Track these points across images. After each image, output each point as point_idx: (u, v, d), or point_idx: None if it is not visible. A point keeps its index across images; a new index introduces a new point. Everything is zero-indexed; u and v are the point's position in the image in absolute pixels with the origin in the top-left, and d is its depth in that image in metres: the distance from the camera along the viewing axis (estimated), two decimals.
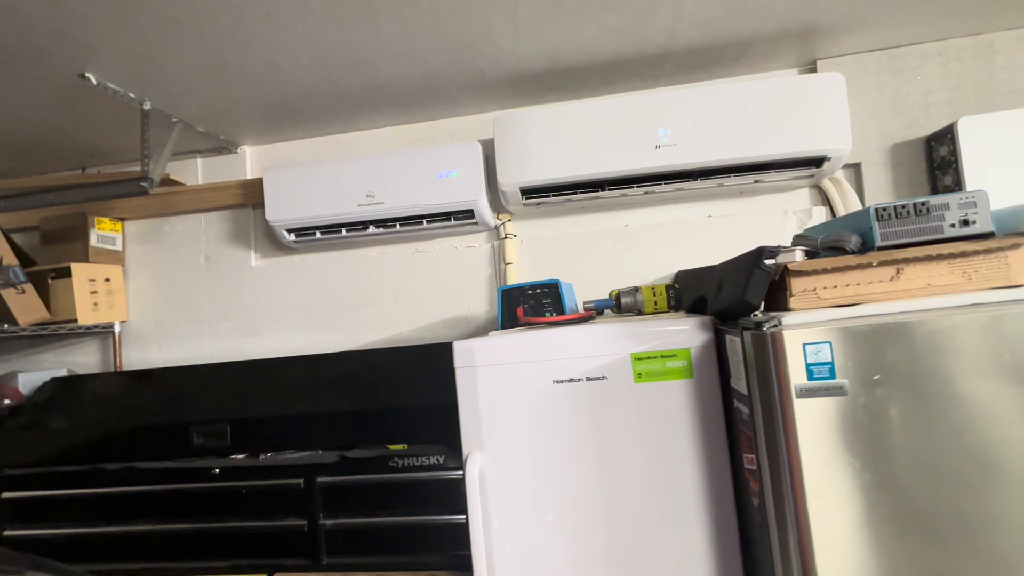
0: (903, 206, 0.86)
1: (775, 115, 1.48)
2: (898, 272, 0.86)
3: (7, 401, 1.75)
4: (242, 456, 1.48)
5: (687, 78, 1.72)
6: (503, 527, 1.09)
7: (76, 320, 1.77)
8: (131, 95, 1.49)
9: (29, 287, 1.69)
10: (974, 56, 1.60)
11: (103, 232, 1.93)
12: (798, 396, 0.80)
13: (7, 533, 1.50)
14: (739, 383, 0.96)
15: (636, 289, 1.31)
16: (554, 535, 1.07)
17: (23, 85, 1.40)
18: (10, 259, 1.67)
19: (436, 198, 1.67)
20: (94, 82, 1.39)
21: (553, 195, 1.64)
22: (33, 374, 1.89)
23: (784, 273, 0.88)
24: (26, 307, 1.67)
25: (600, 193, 1.62)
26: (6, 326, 1.64)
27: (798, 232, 1.66)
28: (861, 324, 0.79)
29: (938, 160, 1.57)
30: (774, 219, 1.71)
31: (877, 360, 0.78)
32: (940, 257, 0.85)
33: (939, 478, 0.77)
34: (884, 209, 0.86)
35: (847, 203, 1.64)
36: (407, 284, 1.88)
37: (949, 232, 0.85)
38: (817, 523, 0.79)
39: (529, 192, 1.63)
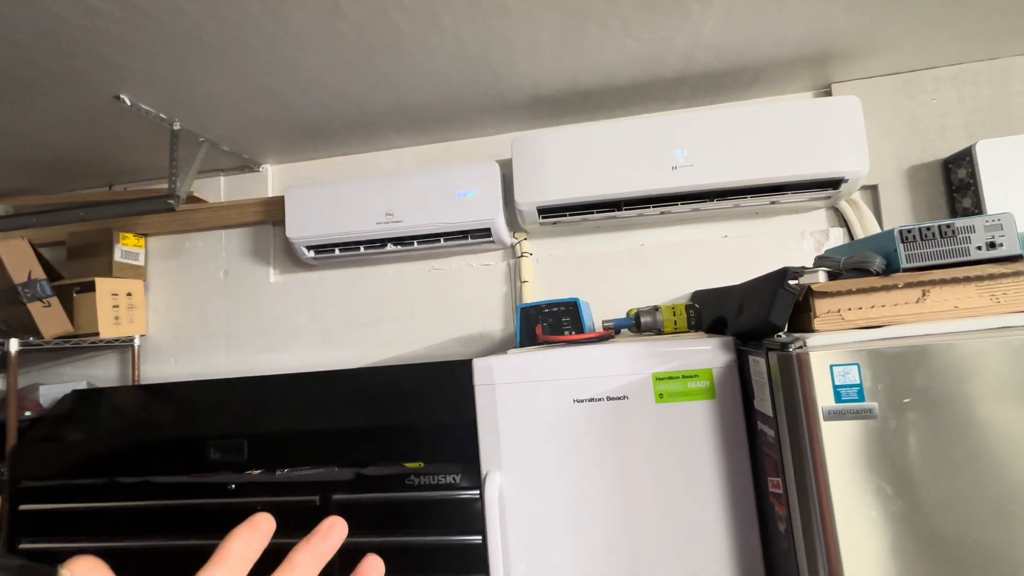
0: (928, 228, 0.86)
1: (792, 137, 1.49)
2: (924, 294, 0.86)
3: (28, 413, 1.77)
4: (258, 472, 1.48)
5: (703, 101, 1.75)
6: (519, 547, 1.07)
7: (98, 333, 1.80)
8: (162, 116, 1.54)
9: (55, 300, 1.72)
10: (989, 80, 1.61)
11: (127, 248, 1.97)
12: (826, 418, 0.79)
13: (22, 546, 1.51)
14: (763, 405, 0.95)
15: (656, 308, 1.31)
16: (571, 557, 1.06)
17: (60, 107, 1.45)
18: (38, 273, 1.71)
19: (454, 216, 1.69)
20: (128, 103, 1.43)
21: (569, 214, 1.66)
22: (53, 386, 1.91)
23: (808, 294, 0.88)
24: (51, 320, 1.70)
25: (616, 213, 1.64)
26: (31, 339, 1.67)
27: (816, 253, 1.66)
28: (889, 346, 0.79)
29: (956, 183, 1.57)
30: (791, 240, 1.71)
31: (907, 383, 0.78)
32: (967, 279, 0.84)
33: (974, 506, 0.75)
34: (909, 231, 0.86)
35: (865, 225, 1.64)
36: (423, 301, 1.89)
37: (975, 255, 0.85)
38: (847, 550, 0.78)
39: (546, 211, 1.65)
